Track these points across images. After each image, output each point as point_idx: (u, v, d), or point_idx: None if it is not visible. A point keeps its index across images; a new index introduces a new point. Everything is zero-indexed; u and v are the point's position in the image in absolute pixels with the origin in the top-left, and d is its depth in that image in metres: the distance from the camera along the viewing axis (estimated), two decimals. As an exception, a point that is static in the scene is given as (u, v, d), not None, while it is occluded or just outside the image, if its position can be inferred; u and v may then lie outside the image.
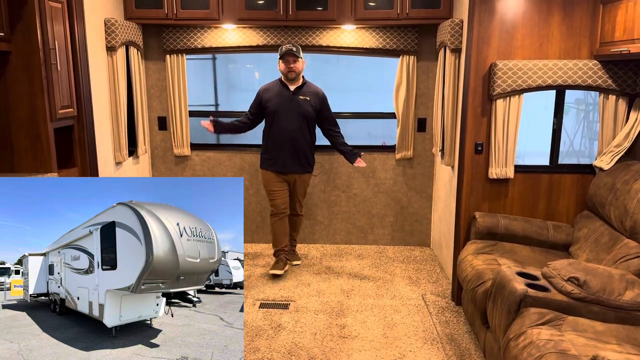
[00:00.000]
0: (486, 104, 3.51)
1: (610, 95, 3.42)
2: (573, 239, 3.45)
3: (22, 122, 3.02)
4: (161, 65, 4.75)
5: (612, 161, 3.34)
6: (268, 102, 4.17)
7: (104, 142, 3.96)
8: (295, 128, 4.15)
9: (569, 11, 3.38)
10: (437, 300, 3.87)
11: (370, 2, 4.31)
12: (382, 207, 5.03)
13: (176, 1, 4.28)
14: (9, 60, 2.95)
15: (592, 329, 2.34)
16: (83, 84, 3.39)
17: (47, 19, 2.97)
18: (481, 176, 3.62)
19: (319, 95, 4.21)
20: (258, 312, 3.68)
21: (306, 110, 4.16)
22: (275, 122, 4.17)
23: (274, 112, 4.16)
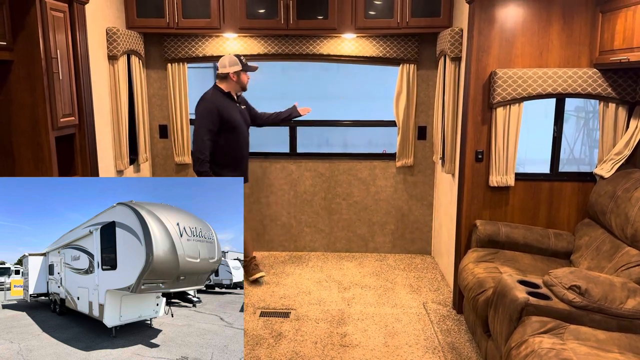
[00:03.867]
0: (486, 112, 3.52)
1: (610, 103, 3.43)
2: (574, 247, 3.45)
3: (23, 131, 3.03)
4: (162, 73, 4.77)
5: (612, 169, 3.34)
6: (230, 118, 3.97)
7: (105, 150, 3.97)
8: (247, 139, 4.19)
9: (569, 20, 3.40)
10: (439, 309, 3.86)
11: (370, 11, 4.33)
12: (382, 214, 5.02)
13: (178, 10, 4.31)
14: (11, 69, 2.96)
15: (594, 337, 2.33)
16: (85, 93, 3.41)
17: (50, 28, 2.99)
18: (482, 184, 3.62)
19: (243, 99, 4.26)
20: (259, 321, 3.66)
21: (248, 120, 4.21)
22: (235, 137, 4.03)
23: (235, 127, 4.01)
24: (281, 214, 5.05)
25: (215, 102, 3.95)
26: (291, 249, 5.11)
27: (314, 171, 4.95)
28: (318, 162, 4.95)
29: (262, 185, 4.99)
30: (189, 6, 4.32)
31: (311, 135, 4.46)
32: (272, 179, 4.98)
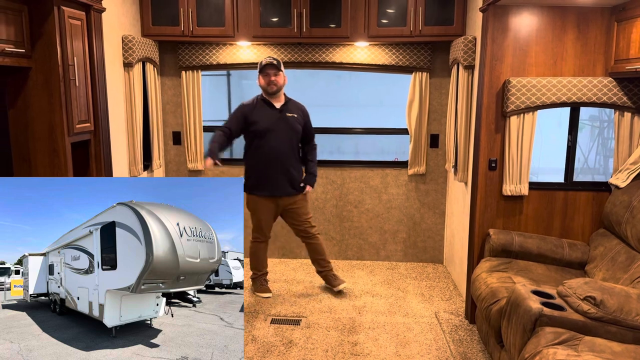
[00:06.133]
0: (500, 120, 3.50)
1: (626, 112, 3.39)
2: (589, 257, 3.40)
3: (40, 137, 3.07)
4: (177, 81, 4.82)
5: (628, 179, 3.30)
6: (256, 122, 3.91)
7: (120, 156, 4.01)
8: (286, 148, 3.96)
9: (583, 29, 3.38)
10: (451, 318, 3.83)
11: (383, 19, 4.34)
12: (394, 223, 5.01)
13: (192, 19, 4.36)
14: (30, 76, 3.01)
15: (609, 349, 2.29)
16: (100, 99, 3.45)
17: (67, 36, 3.04)
18: (495, 193, 3.60)
19: (304, 111, 4.07)
20: (269, 328, 3.66)
21: (296, 129, 3.99)
22: (264, 143, 3.92)
23: (263, 132, 3.91)
24: (293, 221, 5.05)
25: (247, 105, 4.00)
26: (302, 257, 5.10)
27: (325, 178, 4.96)
28: (330, 170, 4.96)
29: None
30: (203, 15, 4.37)
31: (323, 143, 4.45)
32: (284, 186, 4.99)
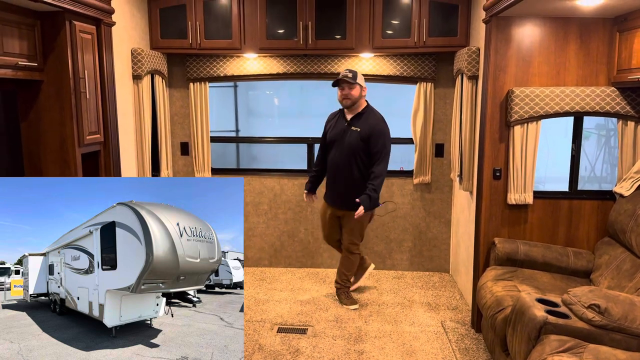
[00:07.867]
0: (504, 130, 3.53)
1: (629, 121, 3.41)
2: (594, 265, 3.41)
3: (51, 148, 3.14)
4: (185, 92, 4.89)
5: (632, 187, 3.31)
6: (327, 132, 4.10)
7: (129, 167, 4.07)
8: (343, 161, 3.90)
9: (586, 39, 3.42)
10: (457, 327, 3.83)
11: (387, 30, 4.40)
12: (400, 232, 5.03)
13: (200, 32, 4.44)
14: (42, 89, 3.09)
15: (614, 357, 2.29)
16: (110, 111, 3.52)
17: (78, 49, 3.12)
18: (500, 202, 3.62)
19: (371, 126, 3.83)
20: (276, 337, 3.68)
21: (352, 143, 3.86)
22: (330, 153, 4.03)
23: (330, 143, 4.03)
24: (299, 230, 5.09)
25: (331, 114, 4.20)
26: (308, 266, 5.13)
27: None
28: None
29: (279, 201, 5.04)
30: (211, 28, 4.45)
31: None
32: (290, 195, 5.03)
